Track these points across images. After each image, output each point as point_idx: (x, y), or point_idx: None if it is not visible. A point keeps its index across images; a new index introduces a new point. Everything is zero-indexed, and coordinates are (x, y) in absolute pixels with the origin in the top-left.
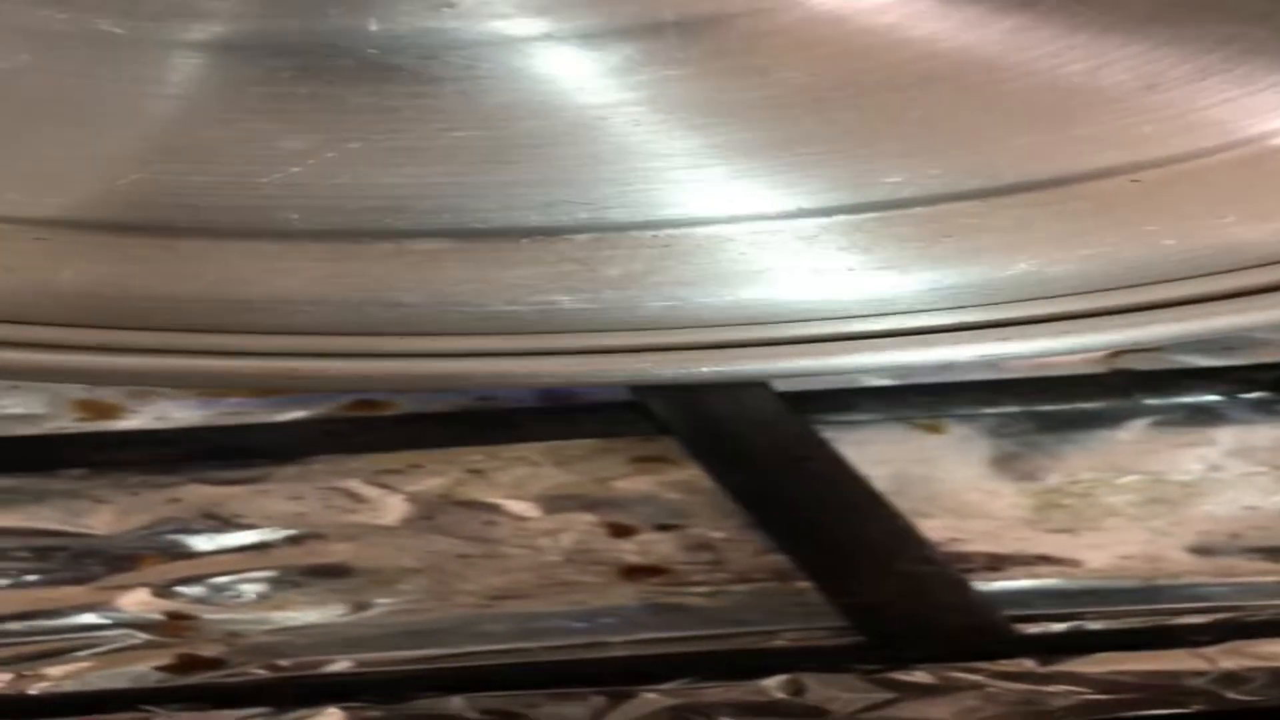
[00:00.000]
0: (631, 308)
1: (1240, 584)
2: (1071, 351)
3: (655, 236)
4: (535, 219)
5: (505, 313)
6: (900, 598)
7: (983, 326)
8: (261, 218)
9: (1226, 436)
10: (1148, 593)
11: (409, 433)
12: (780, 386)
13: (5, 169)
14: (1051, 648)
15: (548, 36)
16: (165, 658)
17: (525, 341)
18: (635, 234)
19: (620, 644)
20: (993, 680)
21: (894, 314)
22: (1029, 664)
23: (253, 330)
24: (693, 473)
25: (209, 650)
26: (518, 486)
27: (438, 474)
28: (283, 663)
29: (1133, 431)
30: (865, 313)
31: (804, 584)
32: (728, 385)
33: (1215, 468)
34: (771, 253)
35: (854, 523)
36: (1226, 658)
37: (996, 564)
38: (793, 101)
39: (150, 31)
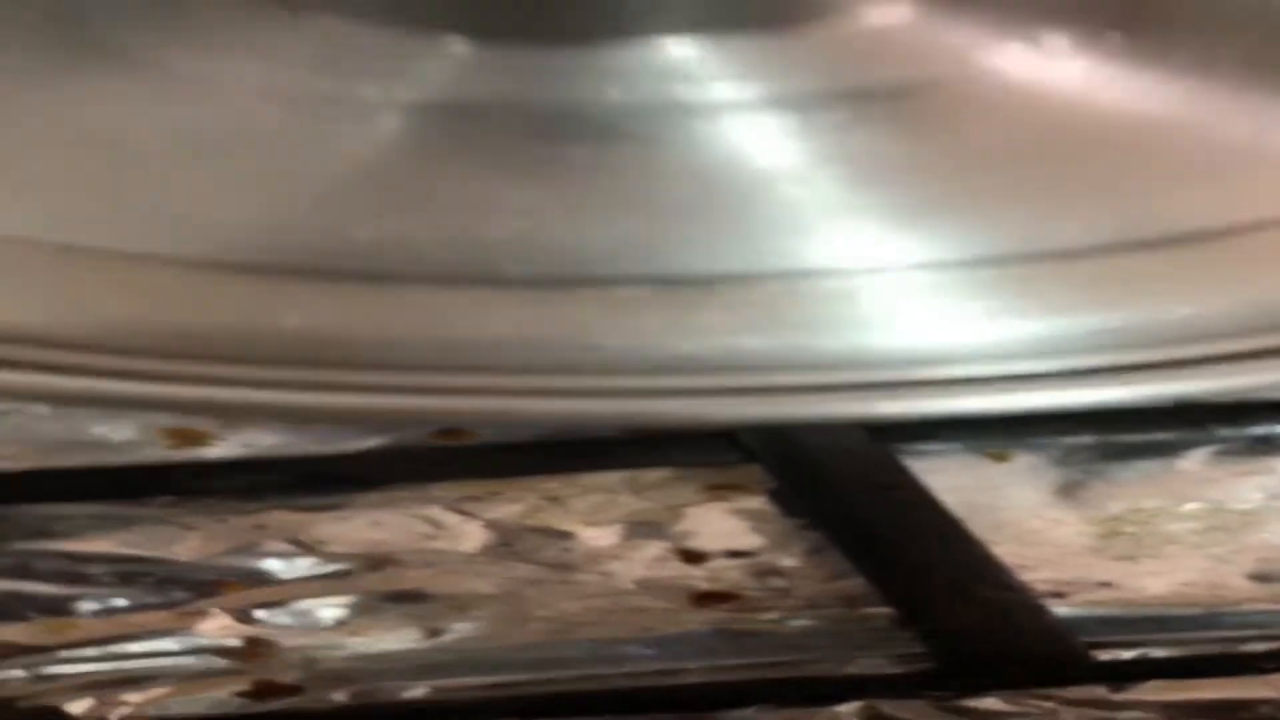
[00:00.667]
0: (810, 349)
1: None
2: (1228, 392)
3: (840, 284)
4: (729, 267)
5: (694, 355)
6: (979, 624)
7: (1149, 367)
8: (482, 267)
9: None
10: (1209, 619)
11: (489, 461)
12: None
13: (246, 220)
14: (1122, 674)
15: (763, 101)
16: (244, 684)
17: (712, 380)
18: (820, 281)
19: (694, 670)
20: (1065, 707)
21: (1061, 355)
22: (1101, 691)
23: (463, 369)
24: (762, 501)
25: (287, 676)
26: (594, 513)
27: (516, 500)
28: (359, 689)
29: (1194, 461)
30: (1032, 354)
31: (872, 610)
32: None
33: (1276, 496)
34: (948, 298)
35: (935, 550)
36: None
37: (1061, 590)
38: (981, 161)
39: (394, 95)
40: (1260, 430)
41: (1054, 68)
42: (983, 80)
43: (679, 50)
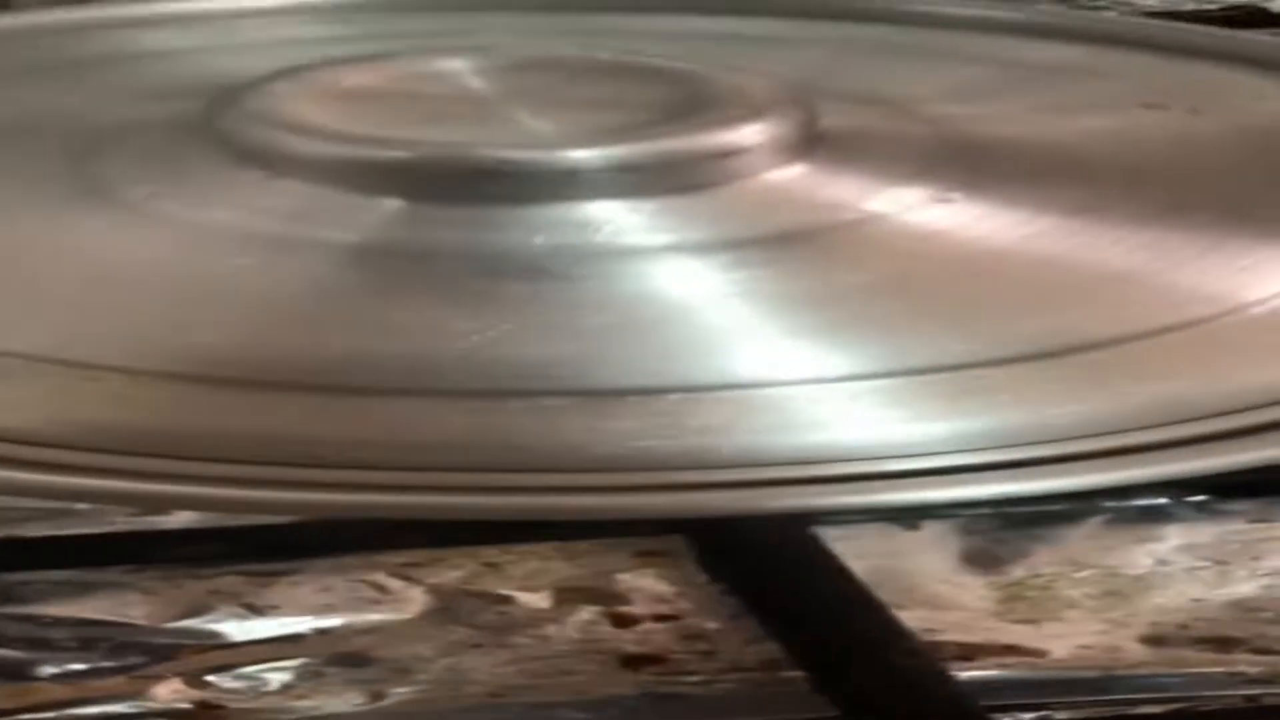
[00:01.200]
0: (710, 450)
1: (1191, 674)
2: (1076, 491)
3: (733, 395)
4: (638, 381)
5: (610, 455)
6: (887, 690)
7: (1000, 467)
8: (432, 380)
9: (1172, 534)
10: (1106, 682)
11: (432, 530)
12: None
13: (228, 341)
14: None
15: (671, 247)
16: None
17: (626, 478)
18: (718, 393)
19: None
20: None
21: (931, 454)
22: None
23: (415, 468)
24: (690, 568)
25: None
26: (529, 579)
27: (457, 567)
28: None
29: (1087, 528)
30: (900, 454)
31: (792, 674)
32: None
33: (1163, 562)
34: (826, 406)
35: (845, 617)
36: None
37: (968, 654)
38: (851, 294)
39: (356, 240)
40: (1144, 502)
41: (910, 216)
42: (852, 228)
43: (596, 209)
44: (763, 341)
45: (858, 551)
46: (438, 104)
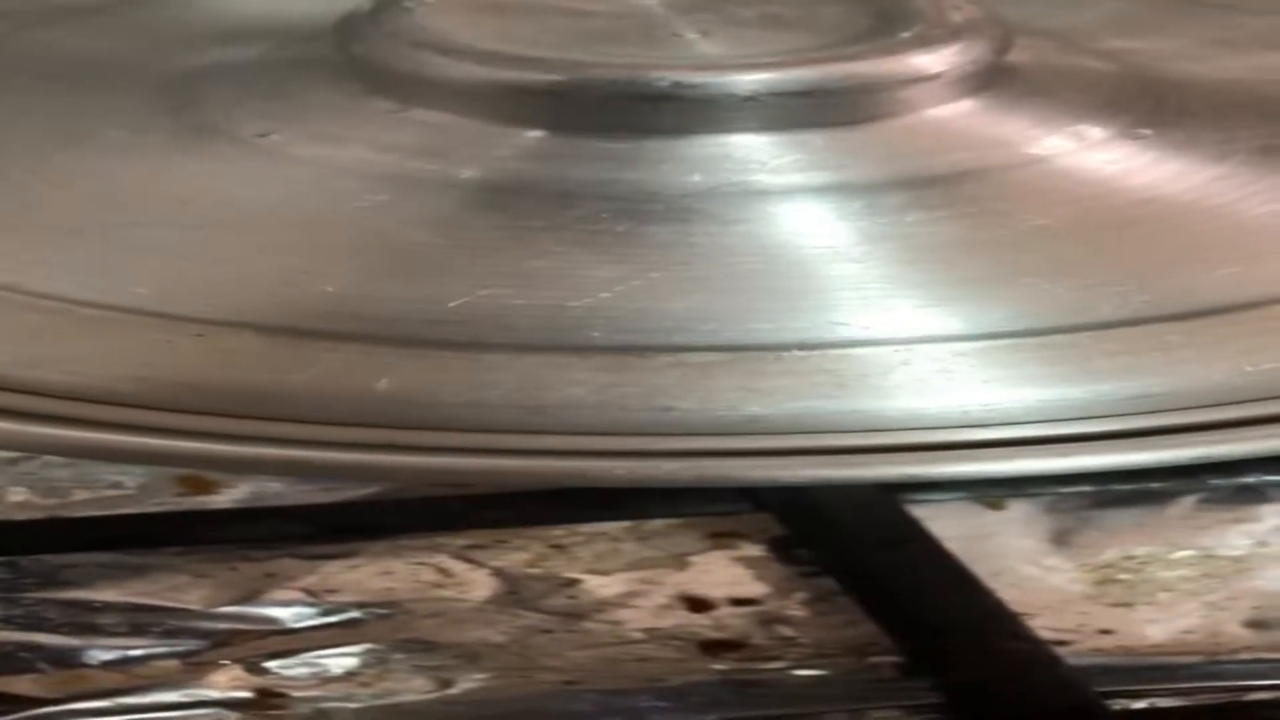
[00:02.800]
0: (874, 412)
1: None
2: (1258, 454)
3: (896, 351)
4: (795, 336)
5: (762, 416)
6: (994, 675)
7: (1187, 430)
8: (565, 335)
9: (1272, 513)
10: (1211, 668)
11: (494, 510)
12: None
13: (345, 290)
14: None
15: (832, 186)
16: None
17: (777, 441)
18: (879, 348)
19: None
20: None
21: (1102, 418)
22: None
23: (544, 431)
24: (763, 549)
25: None
26: (599, 561)
27: (521, 549)
28: None
29: (1182, 508)
30: (1075, 416)
31: (879, 659)
32: None
33: (1263, 543)
34: (997, 366)
35: (946, 599)
36: None
37: (1063, 638)
38: (1026, 240)
39: (489, 178)
40: (1248, 479)
41: (1090, 156)
42: (1028, 167)
43: (756, 143)
44: (928, 292)
45: (942, 532)
46: (596, 21)
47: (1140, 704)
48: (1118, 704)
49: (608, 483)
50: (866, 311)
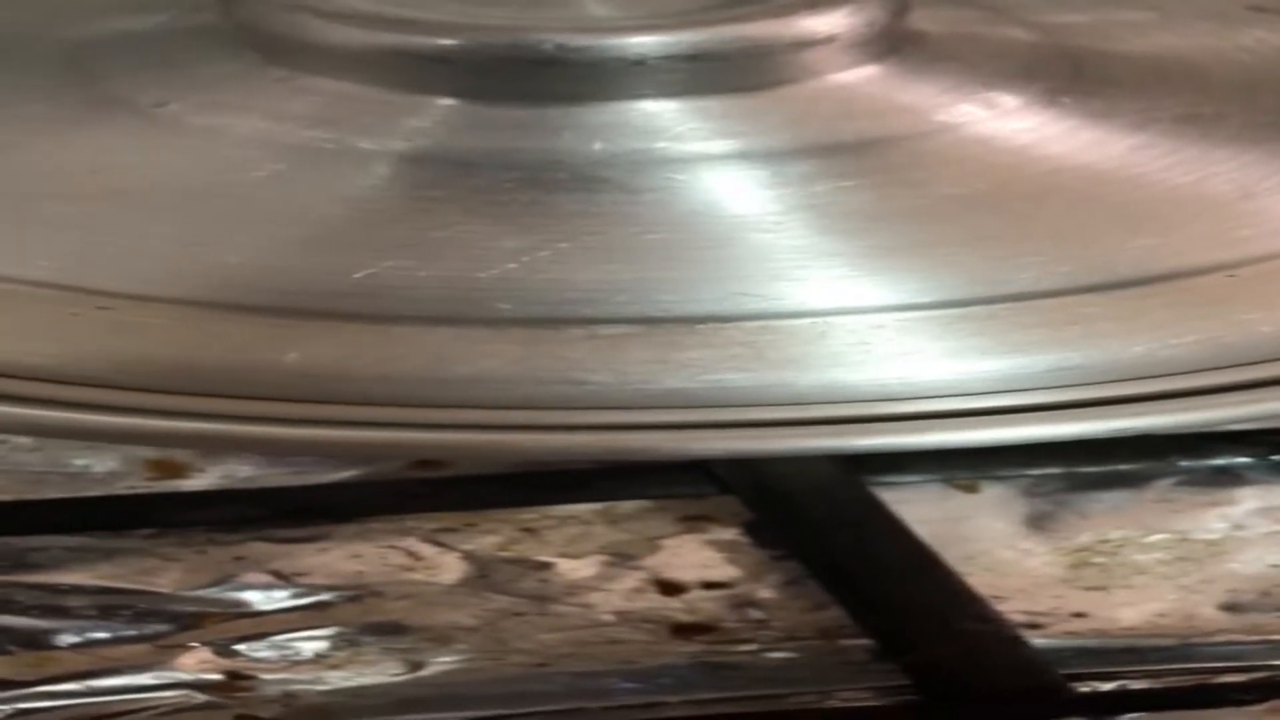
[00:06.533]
0: (786, 385)
1: (1275, 642)
2: (1179, 427)
3: (813, 323)
4: (709, 308)
5: (678, 390)
6: (959, 657)
7: (1101, 403)
8: (473, 307)
9: (1248, 497)
10: (1184, 651)
11: (465, 493)
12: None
13: (246, 262)
14: (1103, 707)
15: (738, 154)
16: (224, 719)
17: (695, 415)
18: (795, 321)
19: (674, 704)
20: None
21: (1022, 391)
22: None
23: (455, 405)
24: (736, 533)
25: (266, 711)
26: (570, 544)
27: (492, 532)
28: None
29: (1157, 492)
30: (995, 390)
31: (849, 642)
32: None
33: (1239, 526)
34: (915, 338)
35: (912, 582)
36: (1272, 717)
37: (1036, 621)
38: (941, 209)
39: (388, 147)
40: (1220, 461)
41: (1005, 124)
42: (940, 135)
43: (658, 109)
44: (843, 262)
45: (915, 516)
46: None
47: (1109, 686)
48: (1086, 686)
49: (520, 456)
50: (781, 283)
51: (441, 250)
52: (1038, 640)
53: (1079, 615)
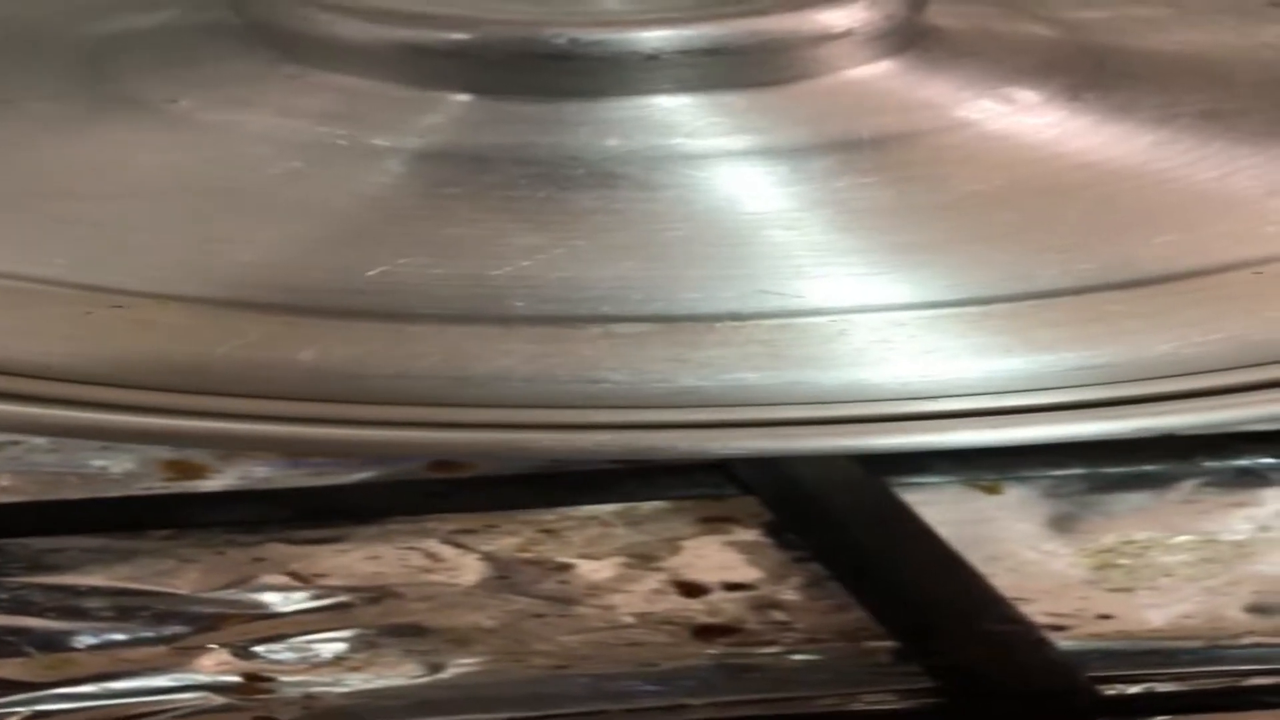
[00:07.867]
0: (806, 384)
1: None
2: (1205, 426)
3: (833, 321)
4: (728, 306)
5: (696, 389)
6: (984, 659)
7: (1125, 403)
8: (489, 305)
9: (1274, 498)
10: (1211, 653)
11: (484, 494)
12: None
13: (260, 260)
14: (1130, 710)
15: (756, 150)
16: None
17: (713, 414)
18: (815, 318)
19: (697, 706)
20: None
21: (1045, 390)
22: None
23: (471, 404)
24: (757, 534)
25: (285, 714)
26: (590, 546)
27: (512, 533)
28: None
29: (1182, 492)
30: (1018, 389)
31: (873, 644)
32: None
33: (1265, 527)
34: (936, 336)
35: (936, 583)
36: None
37: (1061, 623)
38: (962, 206)
39: (403, 144)
40: (1245, 462)
41: (1026, 120)
42: (960, 131)
43: (675, 104)
44: (863, 259)
45: (937, 517)
46: None
47: (1135, 688)
48: (1113, 689)
49: (537, 455)
50: (801, 280)
51: (456, 247)
52: (1063, 642)
53: (1104, 617)
